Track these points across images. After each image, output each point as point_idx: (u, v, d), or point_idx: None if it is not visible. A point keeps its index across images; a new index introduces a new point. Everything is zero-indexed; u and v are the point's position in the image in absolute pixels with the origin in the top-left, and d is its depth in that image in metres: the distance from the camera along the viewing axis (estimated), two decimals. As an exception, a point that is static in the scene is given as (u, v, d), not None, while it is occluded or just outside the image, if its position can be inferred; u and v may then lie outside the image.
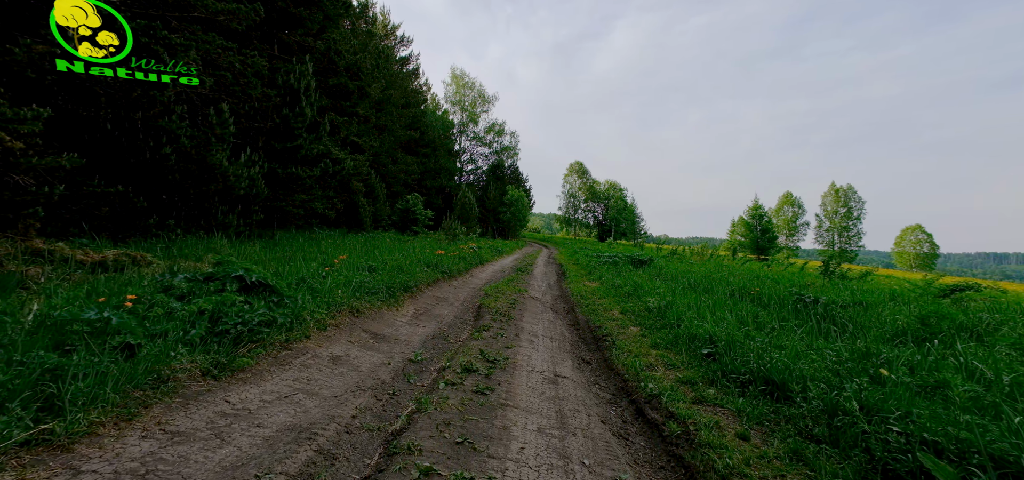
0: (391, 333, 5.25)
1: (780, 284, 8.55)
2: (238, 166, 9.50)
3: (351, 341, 4.46)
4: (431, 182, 43.43)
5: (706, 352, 4.30)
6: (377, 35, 35.68)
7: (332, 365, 3.68)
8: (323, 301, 4.77)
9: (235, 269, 3.92)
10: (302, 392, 3.01)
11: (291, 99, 12.52)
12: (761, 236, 53.67)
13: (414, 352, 4.62)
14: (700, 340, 4.82)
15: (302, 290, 4.58)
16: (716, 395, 3.50)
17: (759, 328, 4.94)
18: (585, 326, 7.57)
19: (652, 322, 6.75)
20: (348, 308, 5.14)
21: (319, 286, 5.03)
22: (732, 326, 5.02)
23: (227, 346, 3.10)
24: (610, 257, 18.98)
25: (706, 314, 5.91)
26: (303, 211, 14.03)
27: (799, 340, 4.25)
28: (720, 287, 8.84)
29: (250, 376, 2.98)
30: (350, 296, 5.38)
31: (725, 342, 4.24)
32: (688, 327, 5.44)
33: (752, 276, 13.03)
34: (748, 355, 3.80)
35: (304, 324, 4.04)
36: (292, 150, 12.88)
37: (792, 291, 6.90)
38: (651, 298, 8.12)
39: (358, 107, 21.51)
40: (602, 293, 10.47)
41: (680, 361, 4.59)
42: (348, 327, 4.80)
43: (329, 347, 4.05)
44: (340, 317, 4.89)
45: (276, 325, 3.62)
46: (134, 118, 7.80)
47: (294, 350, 3.62)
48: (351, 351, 4.15)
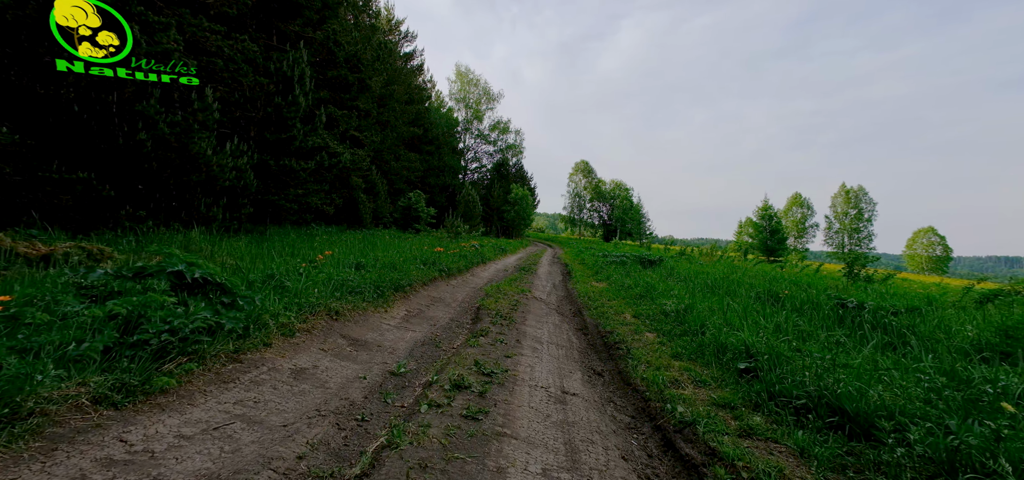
0: (374, 339, 4.58)
1: (807, 287, 7.80)
2: (223, 156, 8.88)
3: (324, 349, 3.79)
4: (434, 180, 42.81)
5: (743, 367, 3.60)
6: (380, 29, 35.11)
7: (293, 381, 3.01)
8: (293, 302, 4.12)
9: (174, 263, 3.25)
10: (241, 421, 2.34)
11: (284, 87, 11.90)
12: (771, 237, 52.62)
13: (398, 363, 3.94)
14: (732, 351, 4.12)
15: (267, 289, 3.93)
16: (766, 425, 2.80)
17: (801, 338, 4.23)
18: (594, 331, 6.87)
19: (670, 328, 6.04)
20: (325, 310, 4.47)
21: (293, 285, 4.38)
22: (769, 335, 4.31)
23: (143, 362, 2.43)
24: (617, 257, 18.26)
25: (735, 320, 5.20)
26: (297, 206, 13.42)
27: (862, 356, 3.52)
28: (742, 289, 8.10)
29: (172, 401, 2.31)
30: (328, 296, 4.72)
31: (767, 356, 3.53)
32: (715, 335, 4.73)
33: (770, 278, 12.27)
34: (800, 374, 3.10)
35: (264, 330, 3.38)
36: (285, 141, 12.26)
37: (829, 295, 6.16)
38: (667, 301, 7.40)
39: (358, 101, 20.89)
40: (611, 294, 9.77)
41: (710, 377, 3.88)
42: (323, 332, 4.13)
43: (294, 357, 3.39)
44: (314, 320, 4.23)
45: (222, 332, 2.96)
46: (107, 100, 7.19)
47: (246, 362, 2.96)
48: (321, 362, 3.48)
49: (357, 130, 22.43)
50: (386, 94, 30.42)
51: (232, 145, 9.88)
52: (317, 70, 19.25)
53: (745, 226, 64.74)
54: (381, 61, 22.84)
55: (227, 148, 9.00)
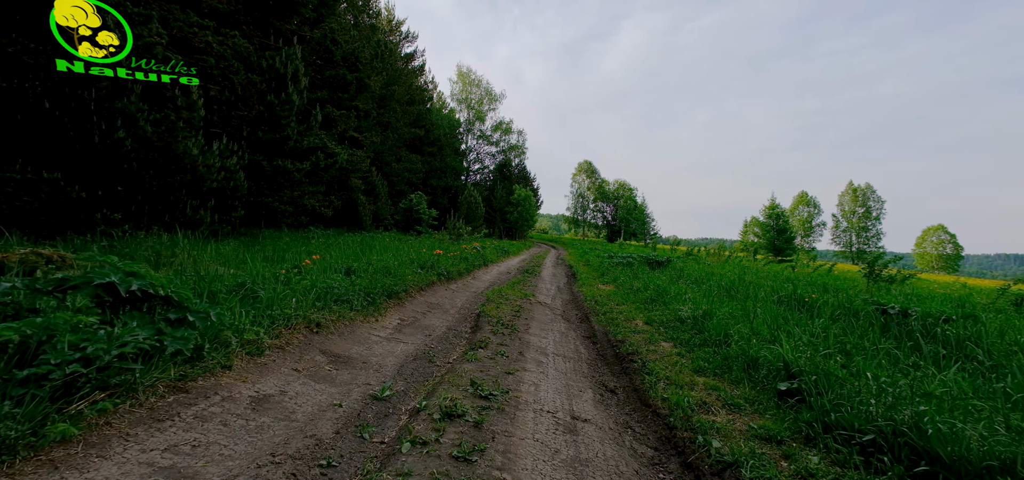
0: (360, 354, 4.07)
1: (835, 291, 7.24)
2: (210, 156, 8.41)
3: (297, 369, 3.29)
4: (436, 181, 42.37)
5: (783, 388, 3.07)
6: (381, 29, 34.74)
7: (251, 413, 2.51)
8: (265, 314, 3.62)
9: (104, 274, 2.73)
10: (168, 474, 1.84)
11: (277, 85, 11.45)
12: (778, 237, 51.84)
13: (383, 384, 3.43)
14: (767, 368, 3.59)
15: (233, 301, 3.44)
16: (827, 468, 2.27)
17: (843, 352, 3.69)
18: (604, 339, 6.34)
19: (688, 336, 5.51)
20: (304, 322, 3.97)
21: (266, 294, 3.89)
22: (805, 347, 3.77)
23: (37, 403, 1.91)
24: (623, 258, 17.71)
25: (763, 330, 4.66)
26: (292, 208, 12.96)
27: (940, 380, 2.94)
28: (760, 293, 7.55)
29: (72, 454, 1.78)
30: (309, 306, 4.22)
31: (812, 375, 3.00)
32: (743, 347, 4.20)
33: (783, 279, 11.69)
34: (863, 402, 2.56)
35: (224, 350, 2.88)
36: (279, 141, 11.81)
37: (865, 300, 5.61)
38: (682, 306, 6.86)
39: (357, 100, 20.45)
40: (619, 298, 9.24)
41: (743, 398, 3.35)
42: (299, 348, 3.63)
43: (258, 382, 2.88)
44: (290, 335, 3.73)
45: (163, 356, 2.46)
46: (82, 96, 6.74)
47: (193, 392, 2.46)
48: (291, 386, 2.98)
49: (356, 131, 21.99)
50: (386, 95, 30.02)
51: (221, 145, 9.43)
52: (314, 70, 18.83)
53: (750, 226, 63.92)
54: (380, 60, 22.40)
55: (214, 148, 8.54)
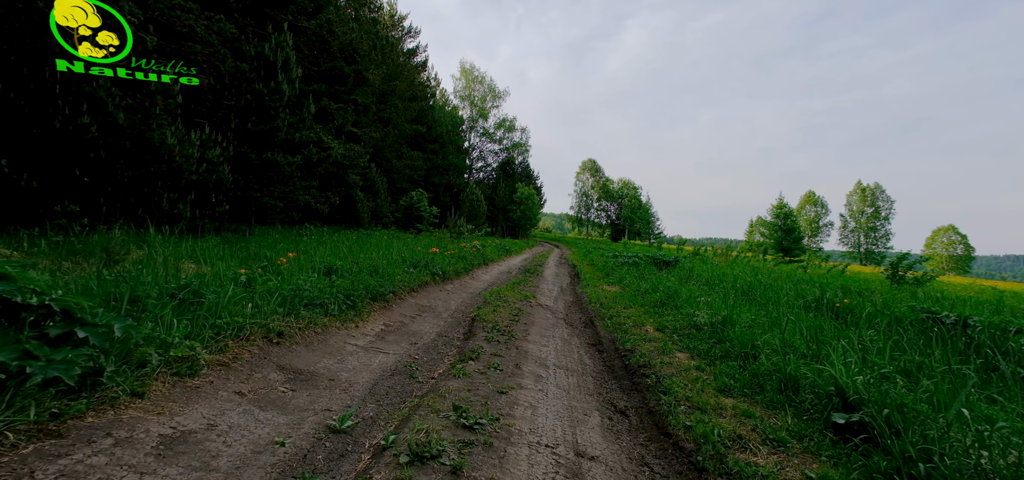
0: (327, 369, 3.48)
1: (870, 295, 6.60)
2: (188, 146, 7.86)
3: (241, 392, 2.71)
4: (438, 179, 41.81)
5: (841, 422, 2.45)
6: (382, 23, 34.18)
7: (153, 460, 1.92)
8: (208, 323, 3.03)
9: None
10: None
11: (266, 74, 10.90)
12: (786, 237, 50.96)
13: (347, 409, 2.84)
14: (811, 391, 2.98)
15: (164, 309, 2.86)
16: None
17: (904, 372, 3.07)
18: (611, 347, 5.73)
19: (706, 347, 4.90)
20: (262, 331, 3.39)
21: (215, 299, 3.31)
22: (857, 365, 3.14)
23: None
24: (628, 257, 17.08)
25: (797, 341, 4.04)
26: (284, 204, 12.41)
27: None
28: (783, 297, 6.92)
29: None
30: (270, 312, 3.64)
31: (880, 407, 2.37)
32: (776, 363, 3.59)
33: (802, 281, 11.04)
34: (963, 453, 1.95)
35: (136, 373, 2.29)
36: (269, 133, 11.25)
37: (913, 307, 4.98)
38: (697, 311, 6.24)
39: (355, 94, 19.92)
40: (626, 300, 8.62)
41: (786, 430, 2.74)
42: (249, 364, 3.05)
43: (181, 412, 2.30)
44: (241, 348, 3.15)
45: (24, 389, 1.85)
46: (42, 77, 6.19)
47: (73, 434, 1.86)
48: (225, 417, 2.39)
49: (355, 126, 21.45)
50: (387, 90, 29.46)
51: (203, 134, 8.87)
52: (310, 62, 18.29)
53: (756, 225, 63.05)
54: (379, 52, 21.82)
55: (193, 137, 7.98)
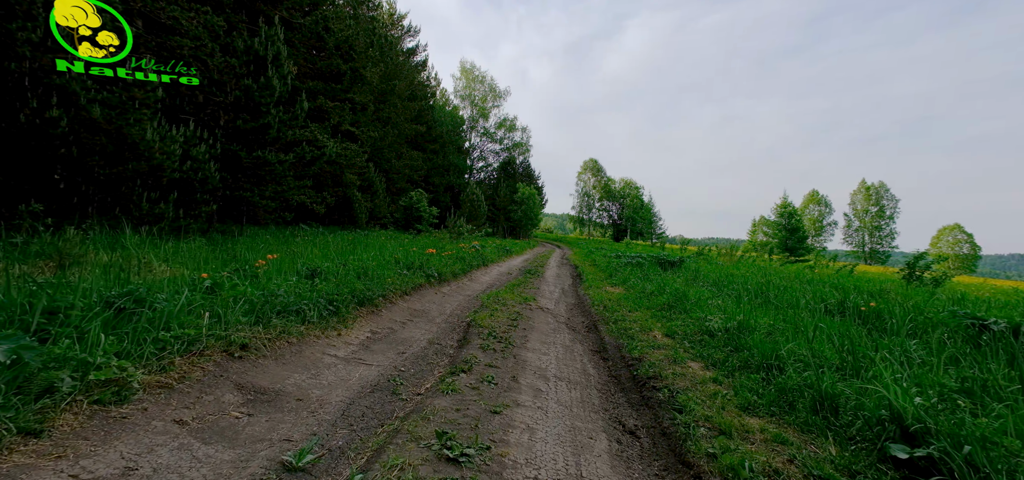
0: (297, 386, 3.06)
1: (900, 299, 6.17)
2: (169, 142, 7.45)
3: (181, 420, 2.29)
4: (439, 179, 41.41)
5: (903, 457, 2.03)
6: (381, 22, 33.79)
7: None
8: (148, 337, 2.60)
9: None
10: None
11: (256, 68, 10.50)
12: (790, 236, 50.40)
13: (310, 437, 2.42)
14: (856, 414, 2.55)
15: (97, 321, 2.44)
16: None
17: (963, 392, 2.64)
18: (616, 355, 5.30)
19: (721, 356, 4.47)
20: (221, 344, 2.97)
21: (167, 306, 2.89)
22: (908, 382, 2.71)
23: None
24: (631, 258, 16.64)
25: (827, 350, 3.61)
26: (276, 203, 12.01)
27: None
28: (801, 299, 6.48)
29: None
30: (233, 322, 3.22)
31: (955, 439, 1.94)
32: (808, 378, 3.15)
33: (809, 281, 10.59)
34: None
35: (38, 405, 1.85)
36: (259, 131, 10.86)
37: (954, 312, 4.53)
38: (709, 315, 5.81)
39: (352, 92, 19.51)
40: (631, 302, 8.19)
41: (831, 461, 2.31)
42: (200, 385, 2.63)
43: (92, 453, 1.87)
44: (192, 365, 2.73)
45: None
46: (7, 68, 5.80)
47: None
48: (151, 456, 1.97)
49: (353, 125, 21.04)
50: (386, 89, 29.06)
51: (187, 131, 8.48)
52: (307, 59, 17.91)
53: (759, 225, 62.51)
54: (376, 48, 21.42)
55: (175, 133, 7.57)
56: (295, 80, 16.91)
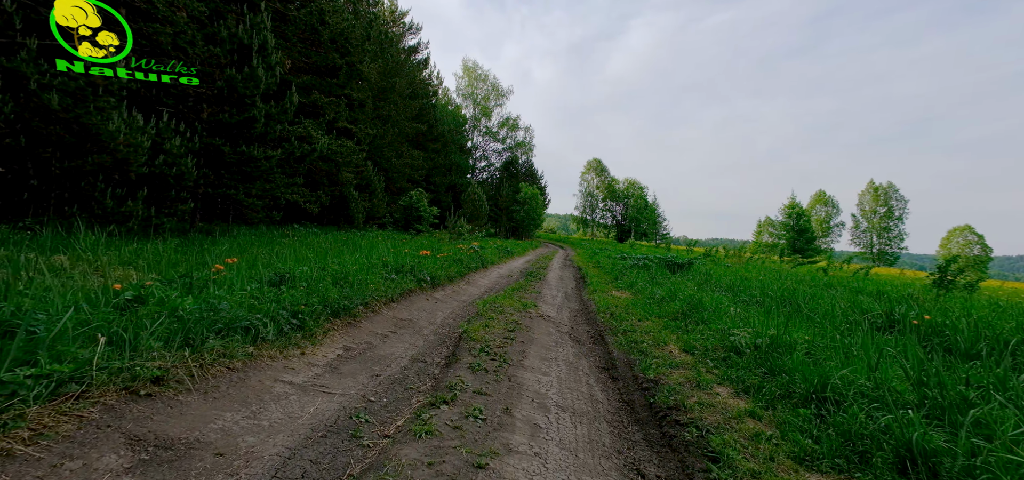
0: (221, 431, 2.39)
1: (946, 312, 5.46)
2: (136, 133, 6.81)
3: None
4: (440, 179, 40.73)
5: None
6: (381, 18, 33.17)
7: None
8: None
9: None
10: None
11: (240, 58, 9.87)
12: (798, 237, 49.45)
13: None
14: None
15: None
16: None
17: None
18: (627, 374, 4.61)
19: (754, 379, 3.77)
20: (121, 380, 2.29)
21: (44, 332, 2.22)
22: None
23: None
24: (637, 259, 15.93)
25: (896, 382, 2.91)
26: (263, 202, 11.37)
27: None
28: (831, 308, 5.76)
29: None
30: (145, 348, 2.53)
31: None
32: (889, 424, 2.46)
33: (831, 286, 9.86)
34: None
35: None
36: (244, 124, 10.22)
37: (1018, 322, 3.83)
38: (734, 328, 5.10)
39: (349, 88, 18.89)
40: (640, 309, 7.50)
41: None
42: (68, 442, 1.95)
43: None
44: (66, 412, 2.06)
45: None
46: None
47: None
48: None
49: (350, 121, 20.42)
50: (386, 87, 28.42)
51: (161, 123, 7.84)
52: (301, 53, 17.30)
53: (764, 226, 61.53)
54: (373, 42, 20.77)
55: (144, 124, 6.91)
56: (288, 74, 16.31)
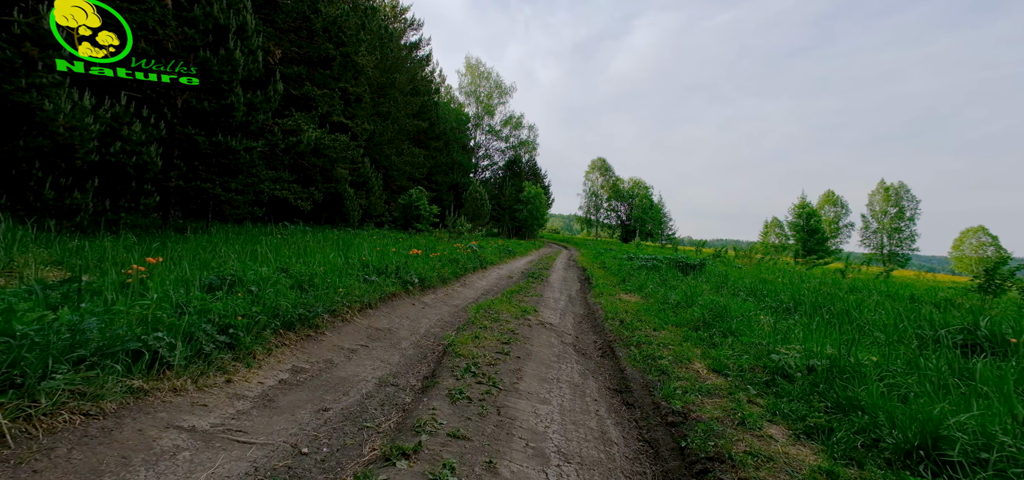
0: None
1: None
2: (82, 114, 6.00)
3: None
4: (442, 177, 39.88)
5: None
6: (382, 13, 32.40)
7: None
8: None
9: None
10: None
11: (215, 39, 9.06)
12: (809, 237, 48.22)
13: None
14: None
15: None
16: None
17: None
18: (646, 399, 3.72)
19: (817, 416, 2.89)
20: None
21: None
22: None
23: None
24: (645, 260, 15.02)
25: None
26: (244, 198, 10.55)
27: None
28: (885, 318, 4.85)
29: None
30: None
31: None
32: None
33: (866, 290, 8.94)
34: None
35: None
36: (221, 113, 9.41)
37: None
38: (774, 344, 4.21)
39: (343, 80, 18.08)
40: (653, 316, 6.61)
41: None
42: None
43: None
44: None
45: None
46: None
47: None
48: None
49: (347, 117, 19.62)
50: (386, 83, 27.63)
51: (119, 106, 7.03)
52: (292, 43, 16.52)
53: (771, 226, 60.27)
54: (368, 33, 19.95)
55: (85, 104, 6.09)
56: (278, 64, 15.52)
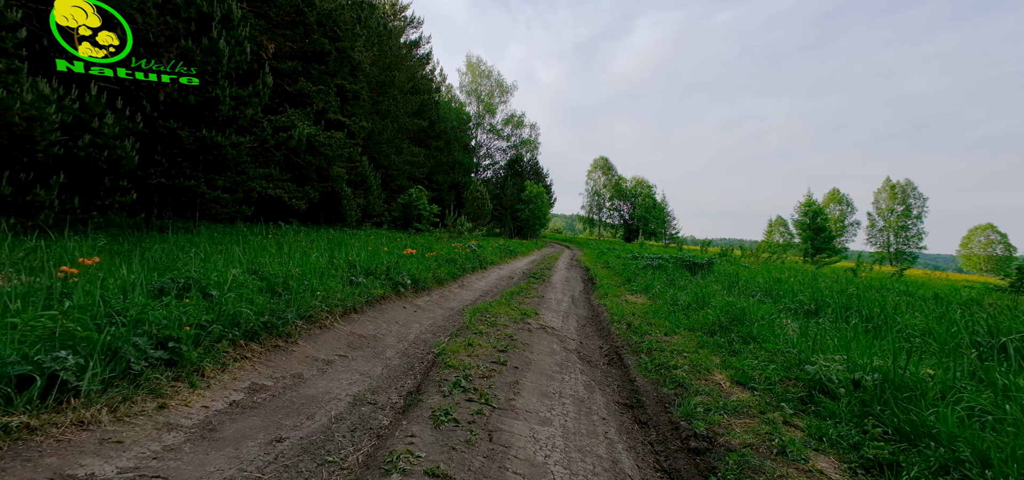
0: None
1: None
2: (41, 102, 5.53)
3: None
4: (442, 177, 39.38)
5: None
6: (381, 10, 31.94)
7: None
8: None
9: None
10: None
11: (198, 27, 8.59)
12: (816, 236, 47.52)
13: None
14: None
15: None
16: None
17: None
18: (662, 418, 3.21)
19: (876, 446, 2.38)
20: None
21: None
22: None
23: None
24: (650, 259, 14.50)
25: None
26: (231, 196, 10.08)
27: None
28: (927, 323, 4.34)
29: None
30: None
31: None
32: None
33: (889, 290, 8.40)
34: None
35: None
36: (205, 106, 8.95)
37: None
38: (808, 354, 3.69)
39: (339, 76, 17.62)
40: (663, 319, 6.11)
41: None
42: None
43: None
44: None
45: None
46: None
47: None
48: None
49: (343, 114, 19.15)
50: (385, 81, 27.16)
51: (89, 96, 6.57)
52: (285, 37, 16.06)
53: (775, 225, 59.61)
54: (365, 26, 19.47)
55: (45, 91, 5.62)
56: (271, 60, 15.06)
